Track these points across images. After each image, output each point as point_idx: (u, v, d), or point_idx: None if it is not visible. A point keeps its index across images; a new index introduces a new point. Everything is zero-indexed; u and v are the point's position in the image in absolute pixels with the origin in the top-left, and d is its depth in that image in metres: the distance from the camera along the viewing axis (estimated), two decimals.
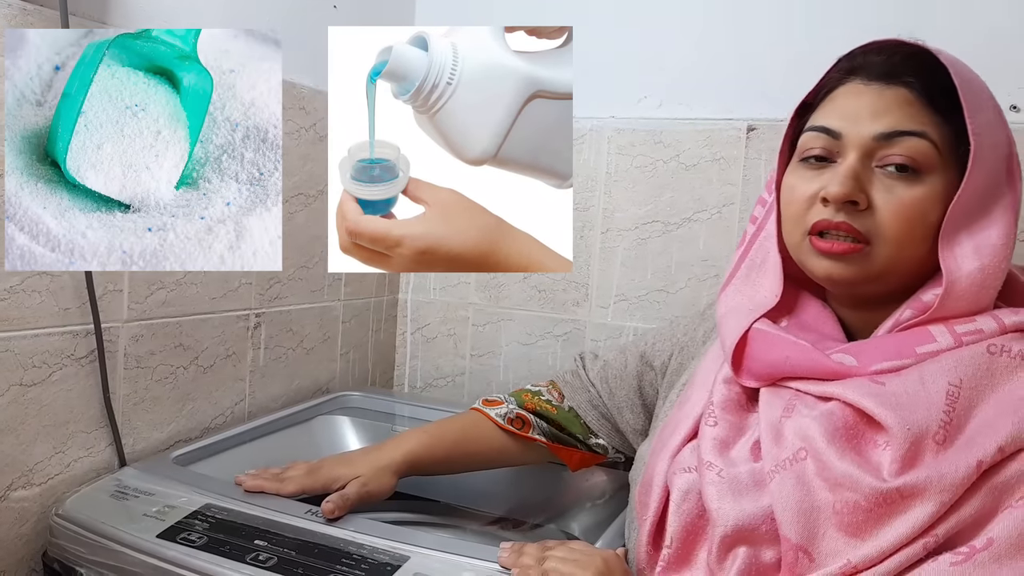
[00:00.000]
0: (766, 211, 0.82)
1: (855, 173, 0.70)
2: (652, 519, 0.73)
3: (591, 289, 1.36)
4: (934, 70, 0.70)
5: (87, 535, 0.80)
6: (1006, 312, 0.69)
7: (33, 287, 0.85)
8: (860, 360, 0.69)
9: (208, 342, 1.09)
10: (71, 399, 0.91)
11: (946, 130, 0.70)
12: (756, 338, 0.76)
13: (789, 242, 0.77)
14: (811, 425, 0.67)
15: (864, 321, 0.76)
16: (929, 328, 0.69)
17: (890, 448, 0.63)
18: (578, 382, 1.01)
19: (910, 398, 0.65)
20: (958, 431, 0.63)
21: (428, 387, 1.52)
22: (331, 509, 0.82)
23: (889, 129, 0.70)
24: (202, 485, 0.88)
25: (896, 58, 0.72)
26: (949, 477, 0.60)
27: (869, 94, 0.72)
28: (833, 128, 0.72)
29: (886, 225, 0.69)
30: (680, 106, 1.29)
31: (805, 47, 1.19)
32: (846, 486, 0.63)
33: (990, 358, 0.66)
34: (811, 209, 0.73)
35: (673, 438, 0.77)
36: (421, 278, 1.51)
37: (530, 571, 0.72)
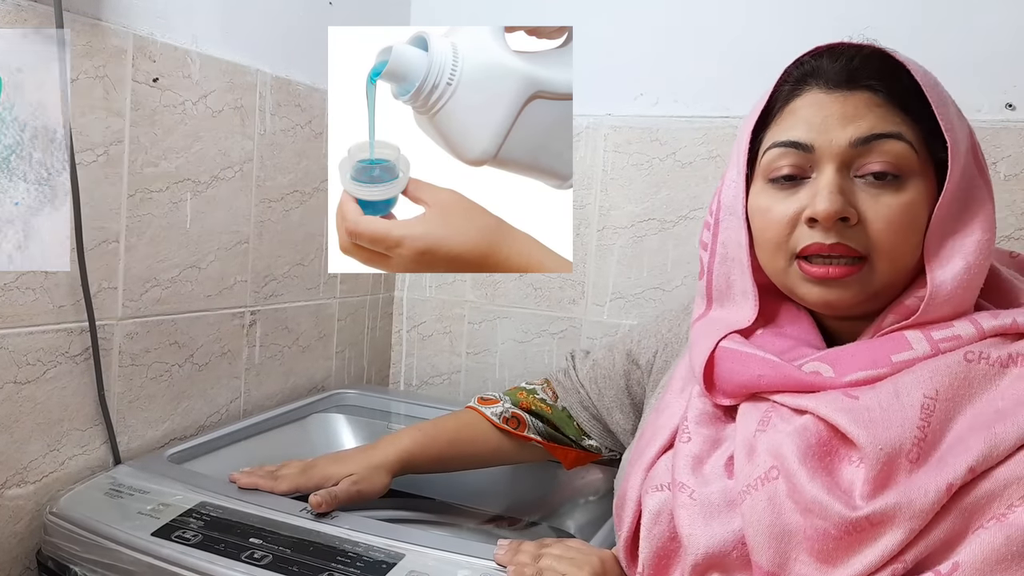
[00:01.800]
0: (712, 234, 0.77)
1: (839, 187, 0.66)
2: (627, 535, 0.72)
3: (587, 287, 1.36)
4: (894, 71, 0.68)
5: (81, 533, 0.80)
6: (985, 316, 0.66)
7: (27, 284, 0.85)
8: (836, 369, 0.67)
9: (203, 340, 1.09)
10: (65, 397, 0.91)
11: (917, 130, 0.67)
12: (724, 357, 0.72)
13: (771, 269, 0.73)
14: (784, 442, 0.64)
15: (846, 328, 0.74)
16: (905, 335, 0.66)
17: (863, 466, 0.61)
18: (569, 383, 1.01)
19: (884, 413, 0.62)
20: (932, 448, 0.61)
21: (424, 385, 1.52)
22: (318, 503, 0.82)
23: (865, 133, 0.66)
24: (197, 483, 0.88)
25: (855, 61, 0.69)
26: (919, 503, 0.58)
27: (833, 101, 0.68)
28: (802, 141, 0.68)
29: (881, 238, 0.66)
30: (676, 104, 1.29)
31: (801, 45, 1.19)
32: (815, 512, 0.60)
33: (967, 366, 0.63)
34: (795, 232, 0.69)
35: (649, 449, 0.74)
36: (417, 276, 1.51)
37: (526, 569, 0.72)
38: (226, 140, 1.09)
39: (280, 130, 1.18)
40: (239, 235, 1.13)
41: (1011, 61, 1.08)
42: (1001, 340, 0.64)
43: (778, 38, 1.21)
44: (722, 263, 0.76)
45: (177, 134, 1.01)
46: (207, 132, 1.05)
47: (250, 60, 1.12)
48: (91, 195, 0.90)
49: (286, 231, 1.22)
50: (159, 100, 0.98)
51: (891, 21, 1.11)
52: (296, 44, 1.20)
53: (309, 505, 0.83)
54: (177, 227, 1.03)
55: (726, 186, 0.75)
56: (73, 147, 0.85)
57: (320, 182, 1.27)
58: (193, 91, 1.02)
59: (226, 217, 1.10)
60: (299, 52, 1.21)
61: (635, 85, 1.31)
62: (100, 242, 0.93)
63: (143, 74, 0.95)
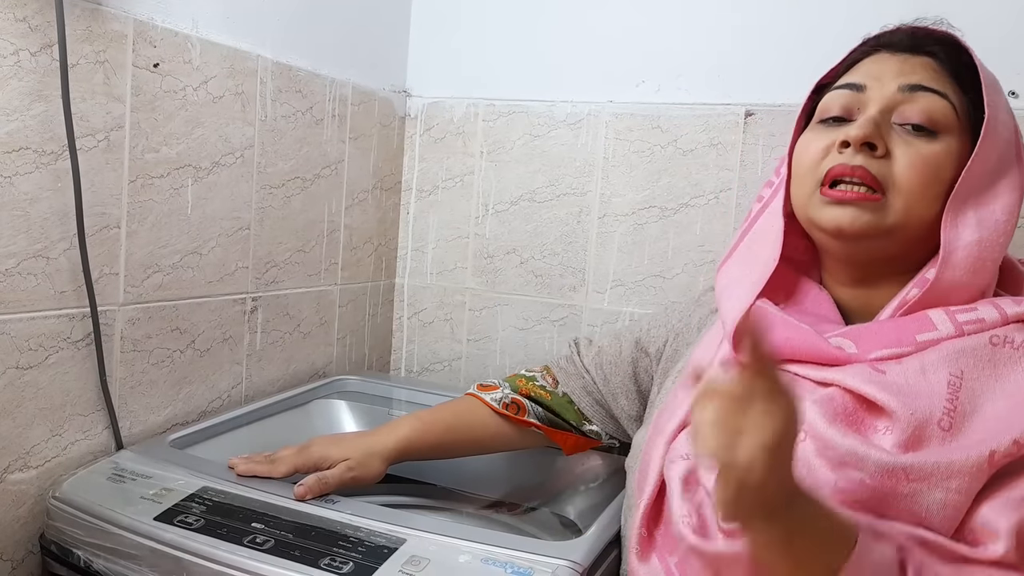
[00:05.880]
0: (773, 191, 0.82)
1: (875, 121, 0.71)
2: (647, 503, 0.73)
3: (588, 274, 1.36)
4: (956, 48, 0.73)
5: (84, 517, 0.80)
6: (1007, 301, 0.69)
7: (29, 270, 0.85)
8: (859, 346, 0.69)
9: (205, 326, 1.09)
10: (67, 382, 0.91)
11: (963, 99, 0.72)
12: (755, 315, 0.74)
13: (798, 197, 0.77)
14: (810, 408, 0.66)
15: (861, 301, 0.76)
16: (929, 315, 0.69)
17: (891, 433, 0.63)
18: (572, 368, 1.02)
19: (911, 387, 0.64)
20: (964, 419, 0.62)
21: (425, 371, 1.52)
22: (303, 493, 0.83)
23: (913, 82, 0.71)
24: (199, 468, 0.88)
25: (921, 34, 0.75)
26: (958, 464, 0.59)
27: (895, 60, 0.74)
28: (857, 82, 0.74)
29: (903, 176, 0.70)
30: (678, 91, 1.28)
31: (804, 33, 1.19)
32: (851, 464, 0.61)
33: (992, 350, 0.65)
34: (826, 158, 0.73)
35: (670, 423, 0.77)
36: (418, 262, 1.51)
37: None
38: (227, 126, 1.08)
39: (281, 116, 1.18)
40: (240, 221, 1.13)
41: (1014, 49, 1.08)
42: None
43: (780, 25, 1.21)
44: (771, 214, 0.79)
45: (178, 120, 1.01)
46: (208, 118, 1.05)
47: (251, 46, 1.11)
48: (92, 181, 0.90)
49: (287, 217, 1.22)
50: (160, 86, 0.98)
51: (892, 7, 1.11)
52: (297, 30, 1.20)
53: (294, 495, 0.82)
54: (178, 213, 1.03)
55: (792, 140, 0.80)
56: (74, 133, 0.85)
57: (321, 168, 1.27)
58: (194, 77, 1.02)
59: (227, 203, 1.10)
60: (300, 38, 1.20)
61: (637, 72, 1.31)
62: (101, 228, 0.93)
63: (144, 59, 0.95)
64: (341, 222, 1.34)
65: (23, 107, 0.82)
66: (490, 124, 1.42)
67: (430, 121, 1.47)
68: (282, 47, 1.17)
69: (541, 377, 1.02)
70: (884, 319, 0.72)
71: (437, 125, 1.47)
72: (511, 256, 1.42)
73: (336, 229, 1.33)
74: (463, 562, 0.73)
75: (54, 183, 0.86)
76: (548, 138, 1.37)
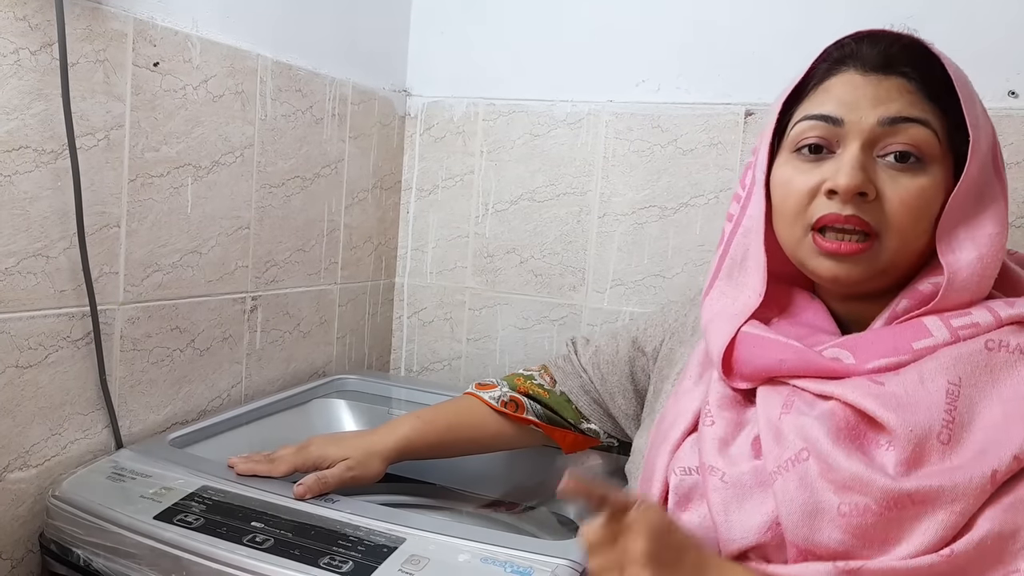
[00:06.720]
0: (741, 207, 0.79)
1: (862, 163, 0.68)
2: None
3: (587, 274, 1.36)
4: (928, 62, 0.70)
5: (84, 516, 0.80)
6: (1000, 304, 0.68)
7: (28, 269, 0.85)
8: (856, 356, 0.68)
9: (204, 325, 1.09)
10: (67, 381, 0.91)
11: (944, 121, 0.69)
12: (745, 341, 0.73)
13: (787, 239, 0.74)
14: (812, 425, 0.65)
15: (856, 313, 0.75)
16: (924, 321, 0.68)
17: (893, 449, 0.62)
18: (570, 367, 1.02)
19: (910, 398, 0.63)
20: (962, 429, 0.62)
21: (424, 371, 1.52)
22: (302, 492, 0.83)
23: (894, 114, 0.68)
24: (199, 467, 0.89)
25: (893, 48, 0.71)
26: (962, 487, 0.59)
27: (868, 83, 0.70)
28: (833, 115, 0.70)
29: (895, 216, 0.68)
30: (678, 90, 1.29)
31: (804, 32, 1.19)
32: (855, 489, 0.61)
33: (988, 354, 0.65)
34: (813, 203, 0.70)
35: (673, 431, 0.76)
36: (418, 262, 1.51)
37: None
38: (227, 125, 1.08)
39: (281, 115, 1.18)
40: (240, 220, 1.13)
41: (1014, 48, 1.07)
42: (1019, 328, 0.67)
43: (780, 25, 1.21)
44: (745, 235, 0.78)
45: (178, 119, 1.01)
46: (208, 117, 1.05)
47: (251, 45, 1.11)
48: (92, 180, 0.90)
49: (287, 217, 1.22)
50: (160, 85, 0.98)
51: (892, 6, 1.11)
52: (298, 29, 1.20)
53: (293, 494, 0.83)
54: (178, 212, 1.03)
55: (758, 160, 0.77)
56: (74, 131, 0.85)
57: (321, 167, 1.27)
58: (194, 76, 1.02)
59: (227, 202, 1.10)
60: (300, 37, 1.20)
61: (637, 71, 1.31)
62: (101, 227, 0.93)
63: (143, 58, 0.95)
64: (341, 221, 1.34)
65: (23, 106, 0.82)
66: (490, 123, 1.42)
67: (430, 120, 1.47)
68: (282, 46, 1.17)
69: (539, 376, 1.02)
70: (879, 327, 0.71)
71: (437, 124, 1.47)
72: (511, 255, 1.42)
73: (336, 228, 1.33)
74: (462, 561, 0.73)
75: (54, 182, 0.86)
76: (548, 137, 1.37)
